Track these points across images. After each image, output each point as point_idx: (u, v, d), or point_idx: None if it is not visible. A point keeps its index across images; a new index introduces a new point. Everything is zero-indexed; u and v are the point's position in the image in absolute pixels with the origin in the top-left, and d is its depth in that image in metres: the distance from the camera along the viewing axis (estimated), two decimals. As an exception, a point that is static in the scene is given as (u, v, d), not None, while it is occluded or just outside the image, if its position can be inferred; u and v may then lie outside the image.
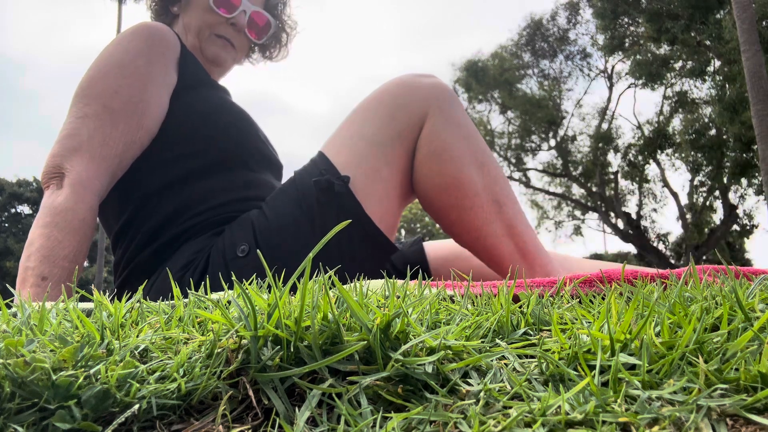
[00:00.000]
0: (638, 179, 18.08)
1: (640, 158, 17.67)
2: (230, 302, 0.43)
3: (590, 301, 0.55)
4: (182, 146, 1.15)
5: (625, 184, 18.56)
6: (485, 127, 19.06)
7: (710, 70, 14.67)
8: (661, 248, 17.86)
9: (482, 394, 0.33)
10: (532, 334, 0.45)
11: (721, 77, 13.88)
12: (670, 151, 17.05)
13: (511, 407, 0.32)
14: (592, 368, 0.35)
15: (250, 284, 0.45)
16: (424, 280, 0.58)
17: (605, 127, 18.16)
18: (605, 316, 0.40)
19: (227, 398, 0.35)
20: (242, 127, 1.23)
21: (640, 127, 17.80)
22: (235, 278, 0.46)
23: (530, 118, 18.31)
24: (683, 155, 16.51)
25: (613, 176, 18.23)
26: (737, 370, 0.33)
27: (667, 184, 17.58)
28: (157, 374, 0.36)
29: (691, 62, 14.99)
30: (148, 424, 0.34)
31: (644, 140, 17.21)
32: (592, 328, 0.40)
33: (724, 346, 0.36)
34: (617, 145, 18.09)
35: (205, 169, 1.15)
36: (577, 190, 19.28)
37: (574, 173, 18.49)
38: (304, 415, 0.32)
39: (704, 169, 16.06)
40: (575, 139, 18.74)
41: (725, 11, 12.69)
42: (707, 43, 13.35)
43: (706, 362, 0.34)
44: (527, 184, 19.20)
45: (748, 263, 18.78)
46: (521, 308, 0.49)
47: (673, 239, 18.42)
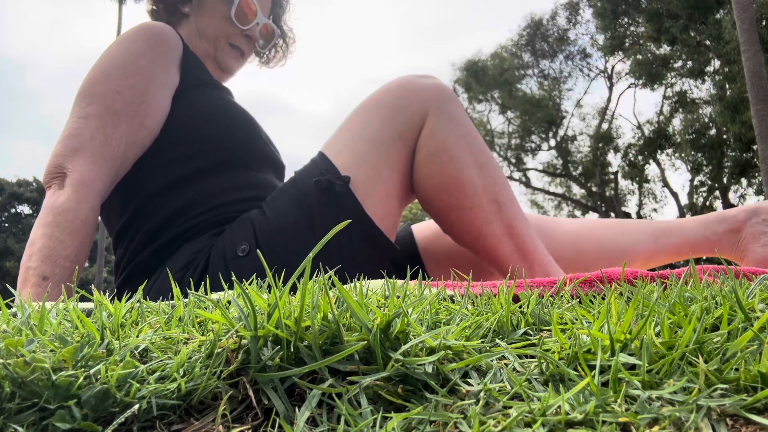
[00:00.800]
0: (638, 179, 18.09)
1: (640, 158, 17.68)
2: (230, 302, 0.43)
3: (590, 301, 0.55)
4: (184, 146, 1.15)
5: (625, 184, 18.58)
6: (485, 127, 19.07)
7: (710, 70, 14.68)
8: (661, 248, 17.82)
9: (482, 394, 0.33)
10: (532, 334, 0.45)
11: (721, 77, 13.89)
12: (670, 151, 17.07)
13: (511, 407, 0.32)
14: (592, 368, 0.35)
15: (250, 284, 0.45)
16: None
17: (605, 127, 18.17)
18: (605, 316, 0.40)
19: (227, 398, 0.35)
20: (245, 127, 1.23)
21: (640, 127, 17.81)
22: (235, 278, 0.46)
23: (530, 118, 18.32)
24: (683, 155, 16.52)
25: (613, 176, 18.24)
26: (737, 370, 0.33)
27: (667, 184, 17.59)
28: (157, 374, 0.36)
29: (690, 62, 15.01)
30: (148, 424, 0.34)
31: (644, 140, 17.22)
32: (592, 328, 0.40)
33: (724, 346, 0.36)
34: (617, 145, 18.11)
35: (207, 169, 1.15)
36: (577, 190, 19.30)
37: (574, 173, 18.50)
38: (304, 415, 0.32)
39: (704, 169, 16.07)
40: (575, 139, 18.75)
41: (725, 11, 12.70)
42: (707, 43, 13.36)
43: (706, 362, 0.34)
44: (527, 184, 19.21)
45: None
46: (521, 308, 0.49)
47: (673, 239, 18.38)
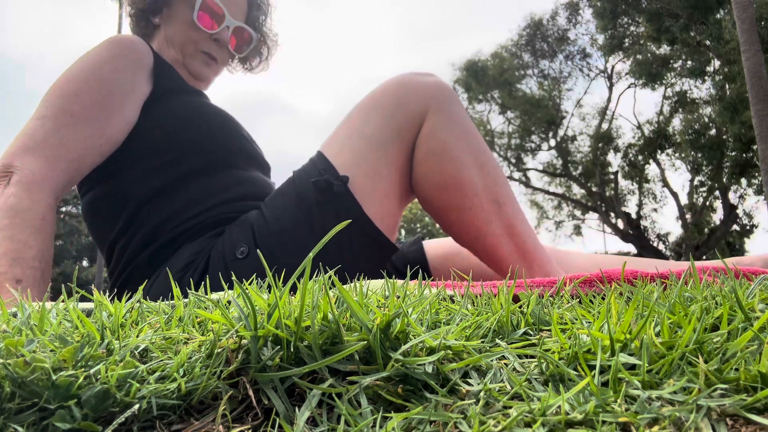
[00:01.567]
0: (638, 179, 18.08)
1: (640, 158, 17.68)
2: (230, 302, 0.43)
3: (590, 301, 0.55)
4: (168, 153, 1.14)
5: (625, 184, 18.57)
6: (485, 127, 19.06)
7: (710, 70, 14.68)
8: (661, 248, 17.86)
9: (482, 394, 0.33)
10: (532, 334, 0.45)
11: (721, 77, 13.89)
12: (670, 151, 17.07)
13: (511, 407, 0.32)
14: (592, 368, 0.35)
15: (249, 284, 0.45)
16: (424, 279, 0.58)
17: (605, 127, 18.17)
18: (605, 316, 0.40)
19: (227, 398, 0.35)
20: (225, 128, 1.22)
21: (640, 127, 17.81)
22: (235, 279, 0.46)
23: (530, 118, 18.31)
24: (683, 155, 16.53)
25: (613, 176, 18.23)
26: (737, 370, 0.33)
27: (667, 184, 17.59)
28: (157, 374, 0.36)
29: (690, 62, 15.01)
30: (148, 424, 0.34)
31: (644, 140, 17.22)
32: (592, 328, 0.40)
33: (724, 346, 0.36)
34: (617, 145, 18.10)
35: (194, 172, 1.14)
36: (577, 190, 19.29)
37: (574, 173, 18.49)
38: (304, 415, 0.32)
39: (704, 169, 16.07)
40: (575, 139, 18.74)
41: (725, 11, 12.70)
42: (707, 43, 13.36)
43: (706, 362, 0.34)
44: (527, 184, 19.20)
45: (747, 263, 18.71)
46: (521, 308, 0.49)
47: (673, 239, 18.42)
